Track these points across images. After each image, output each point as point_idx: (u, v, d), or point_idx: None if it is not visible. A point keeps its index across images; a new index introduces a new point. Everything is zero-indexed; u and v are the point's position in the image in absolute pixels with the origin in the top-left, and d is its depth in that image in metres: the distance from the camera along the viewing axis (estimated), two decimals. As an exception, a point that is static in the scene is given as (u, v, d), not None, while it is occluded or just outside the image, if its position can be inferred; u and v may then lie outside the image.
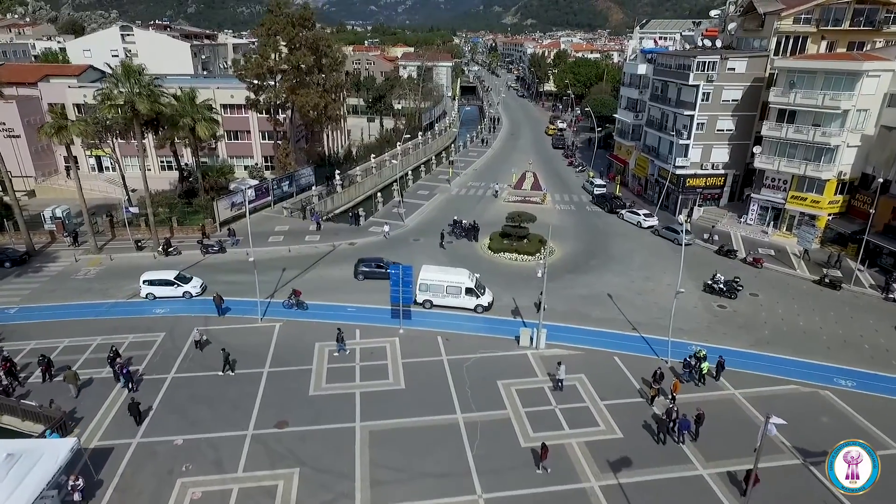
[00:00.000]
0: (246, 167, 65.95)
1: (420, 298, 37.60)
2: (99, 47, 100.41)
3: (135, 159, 65.62)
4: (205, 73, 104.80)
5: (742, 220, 54.26)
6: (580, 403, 28.85)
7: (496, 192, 65.22)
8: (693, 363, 30.68)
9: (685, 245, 50.76)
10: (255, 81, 53.59)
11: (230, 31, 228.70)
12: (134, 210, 49.74)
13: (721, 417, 27.61)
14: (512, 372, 31.27)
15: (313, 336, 34.31)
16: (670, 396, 28.56)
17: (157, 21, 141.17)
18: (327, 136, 77.55)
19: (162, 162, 65.73)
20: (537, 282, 34.36)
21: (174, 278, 38.46)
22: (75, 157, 45.13)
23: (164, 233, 49.00)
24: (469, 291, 37.20)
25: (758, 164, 51.05)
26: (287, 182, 58.82)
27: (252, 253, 36.73)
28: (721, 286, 40.91)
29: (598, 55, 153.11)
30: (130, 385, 28.48)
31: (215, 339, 33.65)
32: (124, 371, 28.26)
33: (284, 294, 39.55)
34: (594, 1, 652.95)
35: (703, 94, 53.00)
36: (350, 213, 54.13)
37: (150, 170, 65.80)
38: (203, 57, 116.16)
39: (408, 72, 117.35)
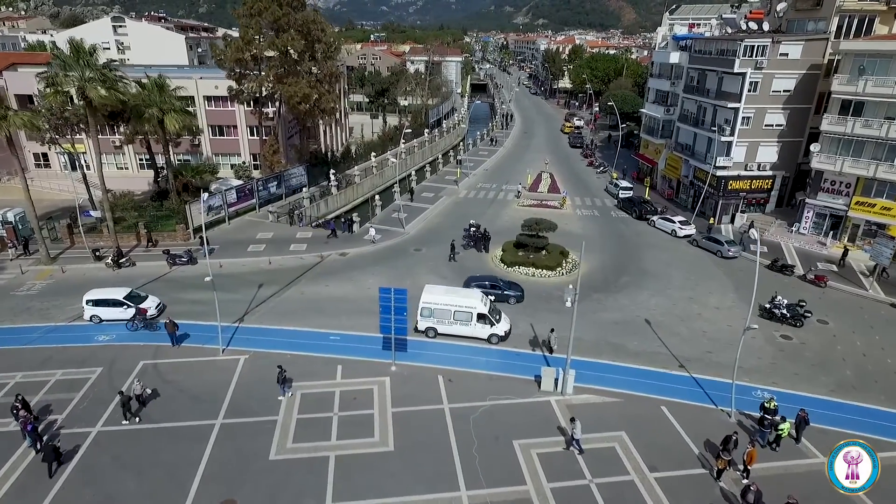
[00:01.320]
0: (233, 166, 59.66)
1: (422, 325, 31.03)
2: (90, 39, 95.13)
3: (112, 157, 59.93)
4: (200, 66, 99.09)
5: (794, 228, 47.00)
6: (623, 476, 21.96)
7: (519, 191, 58.37)
8: (767, 421, 23.67)
9: (731, 257, 44.31)
10: (237, 69, 47.18)
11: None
12: (96, 214, 43.53)
13: (812, 500, 20.60)
14: (532, 427, 24.44)
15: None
16: (743, 469, 21.64)
17: (151, 13, 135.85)
18: (324, 132, 71.10)
19: (142, 160, 59.62)
20: (556, 303, 27.59)
21: (125, 297, 32.05)
22: (44, 154, 38.75)
23: (131, 240, 42.80)
24: (482, 318, 30.51)
25: (815, 164, 43.81)
26: (275, 183, 52.41)
27: (217, 269, 30.28)
28: (783, 311, 33.80)
29: (614, 51, 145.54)
30: (38, 446, 22.01)
31: (163, 378, 27.20)
32: (28, 428, 21.80)
33: (256, 316, 33.08)
34: (606, 0, 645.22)
35: (751, 83, 45.85)
36: (342, 219, 47.57)
37: (126, 168, 59.97)
38: (200, 50, 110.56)
39: (415, 67, 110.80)
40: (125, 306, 31.79)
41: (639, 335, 32.36)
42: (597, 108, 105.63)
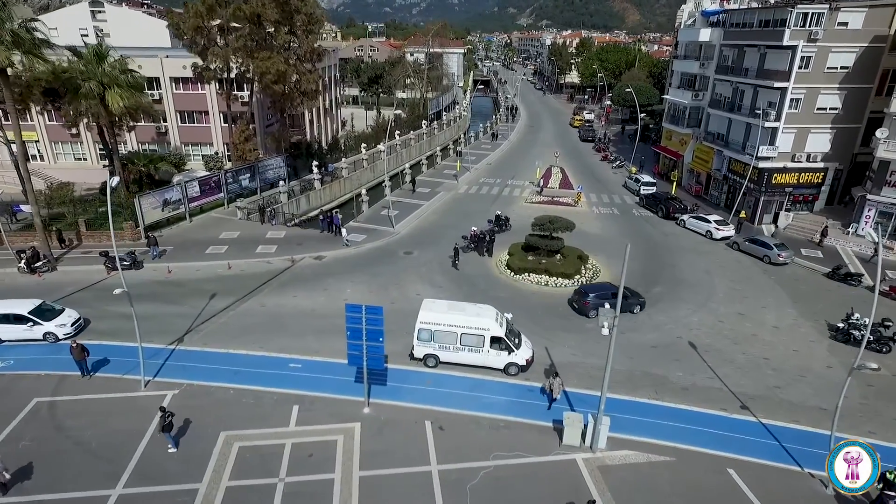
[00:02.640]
0: (204, 157, 52.91)
1: (419, 352, 24.27)
2: (67, 25, 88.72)
3: (69, 146, 53.39)
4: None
5: (850, 230, 39.95)
6: (690, 588, 15.06)
7: (540, 187, 51.90)
8: (893, 500, 16.72)
9: (781, 263, 37.14)
10: (199, 39, 40.40)
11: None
12: (27, 209, 36.78)
13: None
14: (554, 502, 17.54)
15: (222, 415, 20.90)
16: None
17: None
18: (310, 121, 64.30)
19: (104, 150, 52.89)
20: (576, 319, 20.59)
21: (29, 312, 25.22)
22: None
23: (68, 238, 36.10)
24: (496, 342, 23.68)
25: (882, 153, 36.79)
26: (247, 175, 45.60)
27: (164, 275, 23.47)
28: (864, 332, 26.74)
29: (624, 45, 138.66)
30: None
31: (58, 424, 20.40)
32: None
33: (201, 336, 26.25)
34: (610, 2, 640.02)
35: (802, 58, 38.89)
36: (321, 217, 40.73)
37: (84, 158, 53.30)
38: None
39: (414, 57, 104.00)
40: (30, 323, 24.97)
41: (683, 363, 25.43)
42: (608, 103, 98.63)
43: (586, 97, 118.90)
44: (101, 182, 43.32)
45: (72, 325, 25.80)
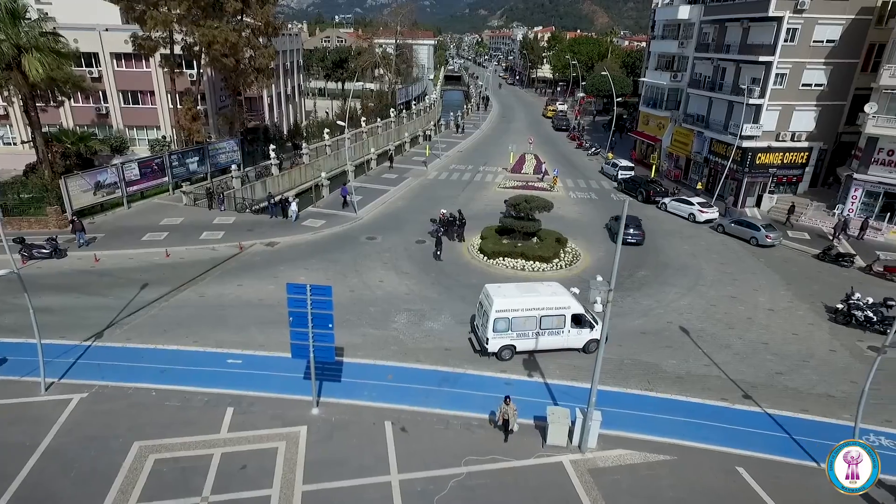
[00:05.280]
0: (150, 141, 48.60)
1: (494, 346, 21.02)
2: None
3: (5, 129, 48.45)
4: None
5: (836, 211, 38.18)
6: None
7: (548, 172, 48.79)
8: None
9: (769, 245, 35.01)
10: (136, 4, 36.33)
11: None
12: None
13: None
14: (537, 516, 14.58)
15: (138, 421, 17.31)
16: None
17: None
18: (269, 105, 60.26)
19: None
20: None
21: (-89, 305, 21.15)
22: None
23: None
24: (576, 320, 21.44)
25: (870, 129, 35.07)
26: (196, 158, 41.53)
27: (91, 264, 19.77)
28: (867, 313, 24.65)
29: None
30: None
31: (-73, 436, 16.52)
32: None
33: (124, 331, 22.52)
34: (580, 4, 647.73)
35: (788, 31, 36.99)
36: (273, 201, 37.06)
37: (14, 143, 48.47)
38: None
39: (382, 48, 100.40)
40: (-88, 318, 20.89)
41: (676, 349, 22.80)
42: (581, 94, 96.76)
43: (558, 89, 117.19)
44: (25, 165, 38.90)
45: (-34, 320, 21.77)
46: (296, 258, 30.25)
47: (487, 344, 20.96)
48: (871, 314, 24.58)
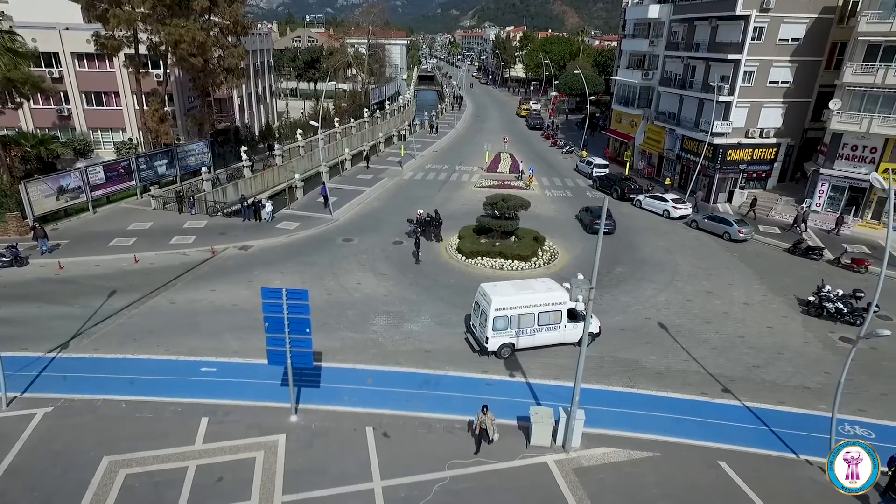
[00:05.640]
0: (115, 144, 47.09)
1: (494, 344, 21.03)
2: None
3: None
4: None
5: (804, 205, 39.10)
6: None
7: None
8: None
9: (741, 240, 35.57)
10: (98, 3, 35.10)
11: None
12: None
13: None
14: (523, 518, 14.42)
15: (108, 435, 16.60)
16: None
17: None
18: (239, 106, 59.03)
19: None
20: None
21: None
22: None
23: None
24: (572, 314, 21.64)
25: (835, 125, 35.99)
26: (164, 160, 40.38)
27: (55, 272, 18.85)
28: (837, 305, 25.21)
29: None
30: None
31: None
32: None
33: (92, 340, 21.65)
34: (550, 4, 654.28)
35: (755, 29, 37.71)
36: (245, 204, 36.23)
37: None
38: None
39: (354, 48, 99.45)
40: None
41: (655, 346, 22.94)
42: (554, 93, 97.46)
43: (531, 88, 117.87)
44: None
45: (-81, 333, 20.64)
46: (270, 262, 29.58)
47: (487, 343, 20.90)
48: (841, 306, 25.14)
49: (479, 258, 30.44)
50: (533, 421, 16.54)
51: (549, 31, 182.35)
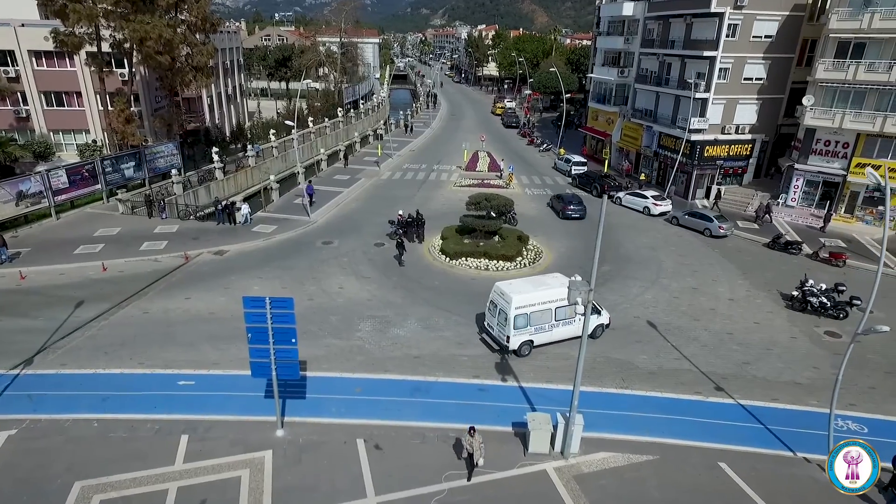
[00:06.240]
0: (79, 146, 45.00)
1: (515, 343, 20.93)
2: None
3: None
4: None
5: (780, 200, 39.72)
6: None
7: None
8: (908, 482, 14.58)
9: (721, 236, 35.85)
10: (57, -2, 33.40)
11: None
12: None
13: None
14: (526, 531, 13.90)
15: (80, 458, 15.49)
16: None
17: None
18: (209, 106, 57.21)
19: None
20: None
21: None
22: None
23: None
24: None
25: (808, 121, 36.59)
26: (132, 163, 38.71)
27: (16, 283, 17.27)
28: (821, 299, 25.43)
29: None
30: None
31: None
32: None
33: (59, 355, 20.35)
34: (519, 3, 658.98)
35: (730, 26, 38.05)
36: (219, 207, 34.93)
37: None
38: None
39: (326, 47, 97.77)
40: None
41: (646, 345, 22.74)
42: (528, 92, 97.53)
43: (505, 87, 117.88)
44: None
45: None
46: (248, 267, 28.47)
47: (509, 342, 20.73)
48: (825, 300, 25.37)
49: (464, 259, 29.89)
50: (530, 427, 16.04)
51: (521, 29, 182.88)
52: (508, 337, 20.62)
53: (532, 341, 21.25)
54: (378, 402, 18.40)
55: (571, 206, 38.08)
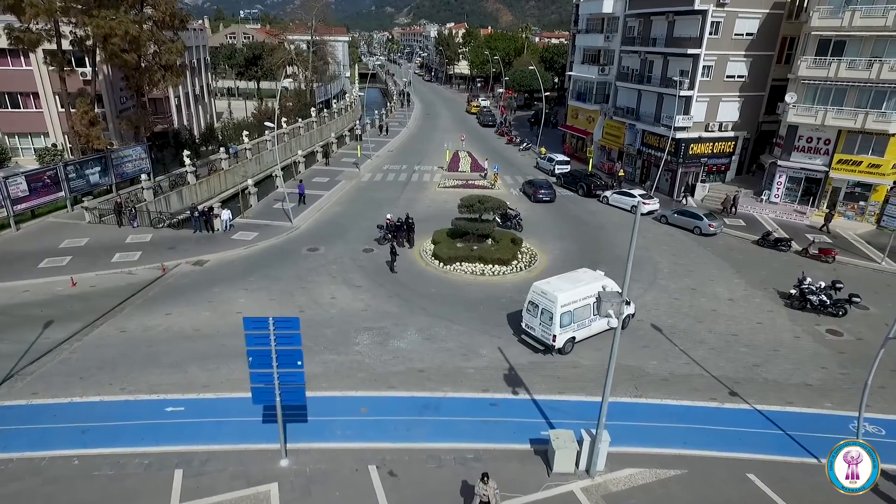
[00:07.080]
0: (37, 150, 42.23)
1: (562, 340, 20.99)
2: None
3: None
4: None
5: (763, 197, 40.03)
6: None
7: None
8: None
9: (711, 234, 35.74)
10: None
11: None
12: None
13: None
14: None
15: (61, 502, 13.88)
16: None
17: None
18: (177, 108, 54.67)
19: None
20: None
21: None
22: None
23: None
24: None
25: (791, 117, 36.87)
26: (97, 168, 36.36)
27: None
28: (820, 297, 25.37)
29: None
30: None
31: None
32: None
33: (28, 382, 18.51)
34: (484, 2, 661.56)
35: (713, 23, 38.06)
36: (195, 214, 33.04)
37: None
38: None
39: (295, 45, 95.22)
40: None
41: (653, 349, 22.20)
42: (501, 90, 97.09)
43: (478, 85, 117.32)
44: None
45: None
46: (231, 277, 26.84)
47: (554, 341, 20.69)
48: (824, 298, 25.32)
49: (458, 264, 28.88)
50: (555, 446, 15.16)
51: (490, 28, 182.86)
52: (555, 336, 20.56)
53: (574, 338, 21.36)
54: (386, 422, 17.26)
55: (542, 191, 41.06)
